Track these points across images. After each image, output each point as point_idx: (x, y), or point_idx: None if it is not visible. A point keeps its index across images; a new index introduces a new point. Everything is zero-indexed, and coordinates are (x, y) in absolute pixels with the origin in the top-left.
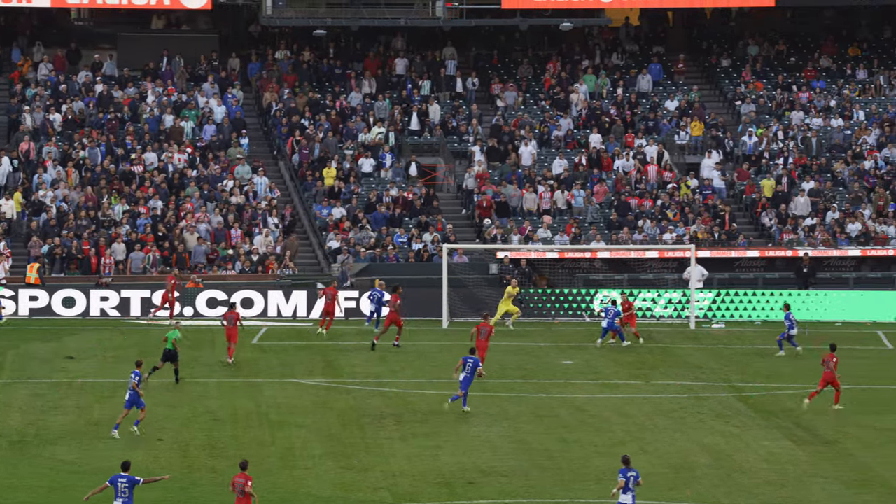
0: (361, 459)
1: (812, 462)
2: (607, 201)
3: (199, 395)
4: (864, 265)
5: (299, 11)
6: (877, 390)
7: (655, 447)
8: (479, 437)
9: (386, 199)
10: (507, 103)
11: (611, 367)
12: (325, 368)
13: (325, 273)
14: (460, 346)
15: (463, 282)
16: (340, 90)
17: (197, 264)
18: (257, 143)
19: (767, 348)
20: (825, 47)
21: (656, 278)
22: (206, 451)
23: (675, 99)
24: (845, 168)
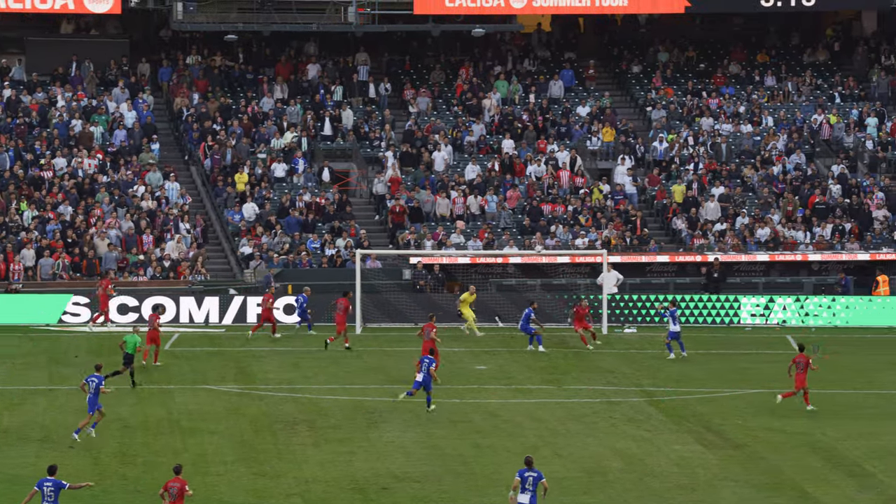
0: (274, 465)
1: (722, 466)
2: (520, 207)
3: (111, 402)
4: (773, 270)
5: (210, 17)
6: None
7: (568, 452)
8: (392, 443)
9: (299, 205)
10: (419, 109)
11: (524, 372)
12: (238, 374)
13: (237, 279)
14: (373, 352)
15: (376, 287)
16: (252, 95)
17: (108, 270)
18: (168, 148)
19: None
20: (734, 54)
21: (569, 283)
22: (117, 458)
23: (587, 105)
24: (754, 174)
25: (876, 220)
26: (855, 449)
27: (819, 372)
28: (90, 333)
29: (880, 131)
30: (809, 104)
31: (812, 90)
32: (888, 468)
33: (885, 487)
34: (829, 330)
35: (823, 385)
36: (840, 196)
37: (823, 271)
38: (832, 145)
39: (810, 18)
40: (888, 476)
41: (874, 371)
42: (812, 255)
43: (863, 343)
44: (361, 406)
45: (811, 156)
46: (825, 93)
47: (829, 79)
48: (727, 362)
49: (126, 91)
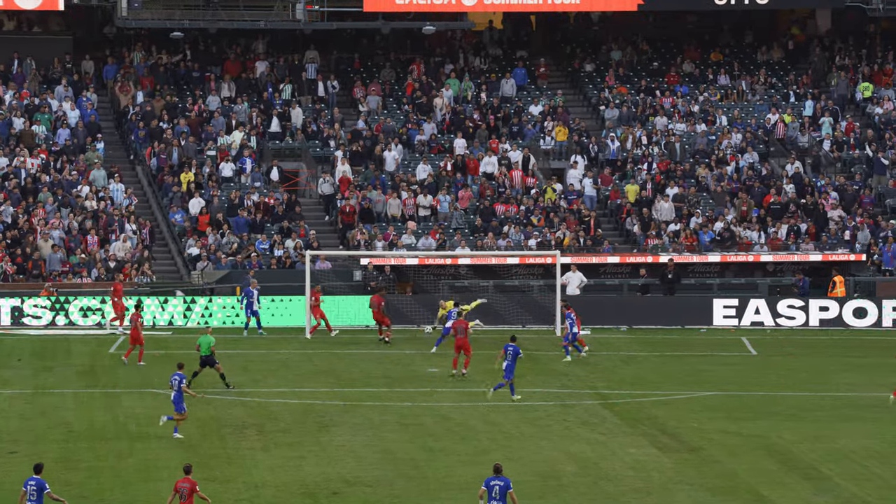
0: (223, 471)
1: (678, 469)
2: (472, 207)
3: (55, 407)
4: (728, 271)
5: (155, 13)
6: (742, 396)
7: (522, 455)
8: (343, 447)
9: (247, 204)
10: (369, 107)
11: (477, 374)
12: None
13: (184, 280)
14: (323, 355)
15: (326, 289)
16: (199, 93)
17: (52, 272)
18: (113, 147)
19: (633, 355)
20: (688, 52)
21: (522, 284)
22: (61, 464)
23: (540, 104)
24: (709, 173)
25: (831, 220)
26: (811, 452)
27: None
28: (34, 336)
29: (835, 131)
30: (764, 103)
31: (766, 89)
32: (844, 471)
33: (841, 491)
34: (783, 332)
35: (778, 387)
36: (794, 196)
37: (779, 272)
38: (787, 145)
39: (764, 17)
40: (844, 479)
41: (830, 372)
42: (765, 256)
43: (818, 344)
44: (311, 410)
45: (765, 155)
46: (779, 92)
47: (784, 77)
48: (682, 364)
49: (69, 89)
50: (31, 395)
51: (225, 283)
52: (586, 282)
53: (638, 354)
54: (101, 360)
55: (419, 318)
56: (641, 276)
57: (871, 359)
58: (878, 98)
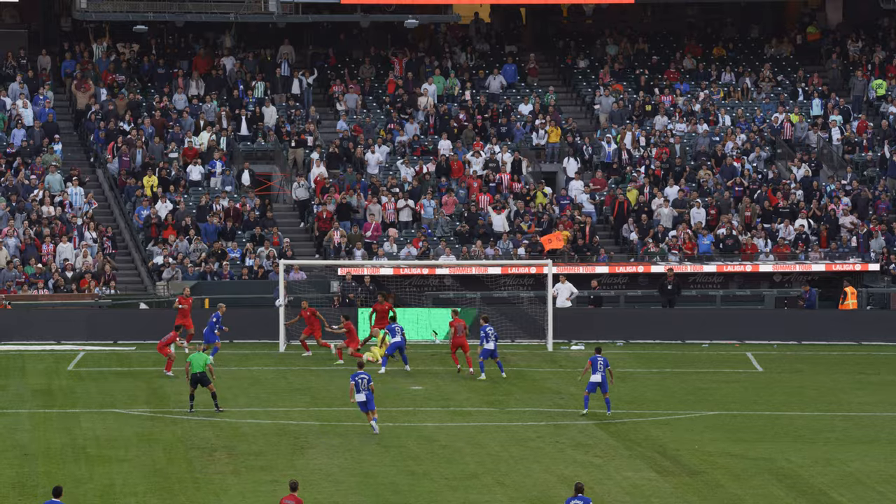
0: (190, 496)
1: (678, 494)
2: (457, 213)
3: (8, 428)
4: (731, 282)
5: (117, 5)
6: (748, 416)
7: (511, 479)
8: (319, 471)
9: (216, 208)
10: (347, 106)
11: (462, 393)
12: (150, 396)
13: (148, 292)
14: (298, 371)
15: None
16: (165, 91)
17: (5, 283)
18: (72, 149)
19: (630, 371)
20: (688, 47)
21: (511, 296)
22: (15, 489)
23: (529, 102)
24: (711, 176)
25: (843, 226)
26: (821, 476)
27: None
28: None
29: (845, 131)
30: (770, 102)
31: (773, 87)
32: (857, 497)
33: None
34: (791, 347)
35: (786, 407)
36: (803, 200)
37: (786, 283)
38: (794, 146)
39: (772, 9)
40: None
41: (841, 391)
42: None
43: (827, 361)
44: (285, 430)
45: (772, 157)
46: (787, 89)
47: (791, 74)
48: (683, 382)
49: (24, 86)
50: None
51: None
52: (577, 293)
53: (635, 371)
54: (57, 379)
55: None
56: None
57: (885, 376)
58: (892, 97)
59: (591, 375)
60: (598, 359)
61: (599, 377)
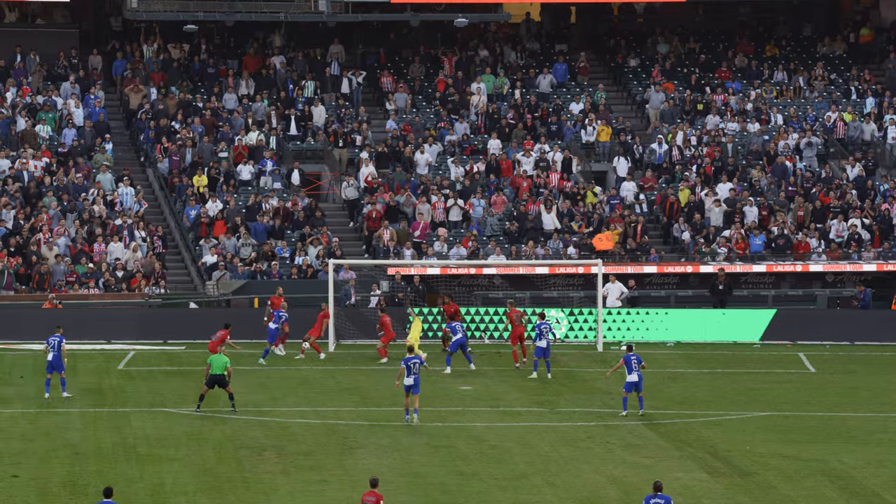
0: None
1: (729, 495)
2: (507, 212)
3: (59, 427)
4: (783, 282)
5: (168, 4)
6: (800, 417)
7: (561, 479)
8: (368, 471)
9: (266, 207)
10: (397, 106)
11: (512, 393)
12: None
13: (198, 291)
14: (348, 371)
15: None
16: (215, 91)
17: (56, 282)
18: (123, 148)
19: (681, 372)
20: (740, 46)
21: (561, 296)
22: (66, 488)
23: (580, 101)
24: (763, 176)
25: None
26: (874, 477)
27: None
28: (37, 352)
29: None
30: (823, 100)
31: (825, 85)
32: None
33: None
34: (844, 347)
35: (838, 407)
36: (856, 200)
37: (839, 283)
38: (847, 145)
39: (824, 7)
40: None
41: (893, 392)
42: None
43: (881, 361)
44: (335, 430)
45: (824, 157)
46: (840, 88)
47: (845, 73)
48: (734, 382)
49: (76, 86)
50: (34, 415)
51: (242, 293)
52: (627, 293)
53: (686, 371)
54: (108, 378)
55: None
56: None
57: None
58: None
59: (628, 375)
60: (632, 357)
61: (636, 376)
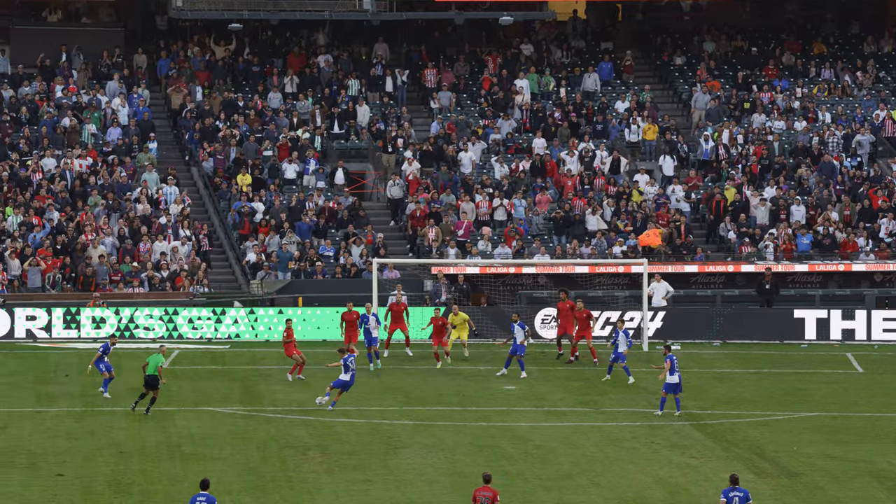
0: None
1: (776, 496)
2: (551, 211)
3: (104, 426)
4: (831, 281)
5: (212, 3)
6: (848, 418)
7: (606, 480)
8: (413, 470)
9: (310, 205)
10: (441, 104)
11: (556, 393)
12: (244, 395)
13: (242, 290)
14: (392, 371)
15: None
16: (259, 89)
17: (101, 281)
18: (167, 147)
19: (727, 372)
20: (788, 43)
21: (606, 296)
22: (111, 487)
23: (626, 100)
24: (810, 174)
25: None
26: None
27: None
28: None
29: None
30: (871, 99)
31: (874, 83)
32: None
33: None
34: (892, 347)
35: (887, 408)
36: None
37: (887, 282)
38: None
39: (872, 4)
40: None
41: None
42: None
43: None
44: (379, 430)
45: (873, 155)
46: (888, 86)
47: (893, 70)
48: (781, 382)
49: (121, 85)
50: (79, 414)
51: (286, 293)
52: (672, 292)
53: (732, 371)
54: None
55: (492, 332)
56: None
57: None
58: None
59: (668, 376)
60: (674, 358)
61: (677, 377)
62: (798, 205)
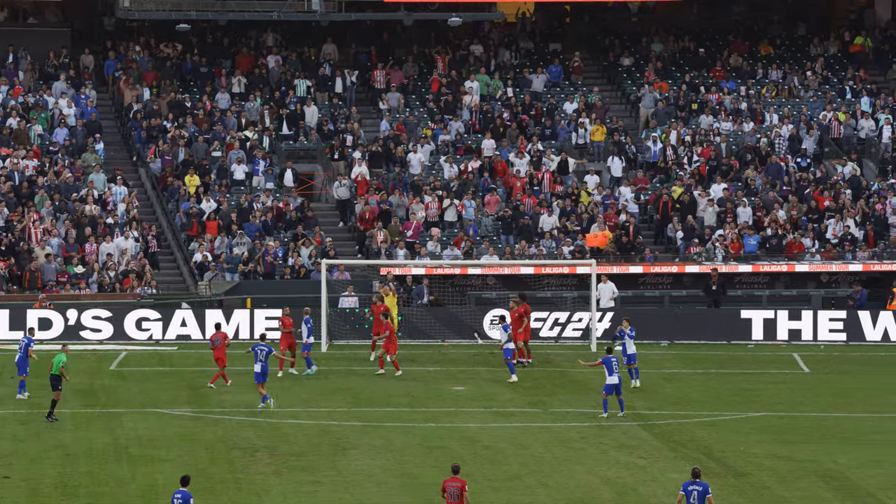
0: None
1: (723, 496)
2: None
3: (51, 428)
4: (777, 282)
5: (160, 4)
6: (794, 418)
7: (555, 480)
8: (361, 471)
9: (257, 206)
10: (390, 105)
11: (505, 393)
12: (191, 397)
13: (190, 292)
14: (340, 372)
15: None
16: (207, 90)
17: (48, 282)
18: (115, 148)
19: (675, 372)
20: (735, 45)
21: (555, 297)
22: (57, 489)
23: (574, 101)
24: (757, 175)
25: (892, 226)
26: (869, 478)
27: (827, 393)
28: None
29: (895, 131)
30: (817, 100)
31: (820, 84)
32: None
33: None
34: (838, 347)
35: (833, 408)
36: (850, 200)
37: (833, 283)
38: (842, 145)
39: (818, 7)
40: None
41: (889, 392)
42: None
43: (876, 361)
44: (327, 431)
45: (819, 156)
46: (834, 87)
47: (839, 72)
48: (728, 383)
49: (68, 85)
50: (25, 416)
51: (235, 293)
52: (617, 294)
53: (680, 372)
54: (100, 379)
55: (439, 333)
56: None
57: None
58: None
59: (608, 377)
60: (613, 360)
61: (616, 378)
62: (745, 206)
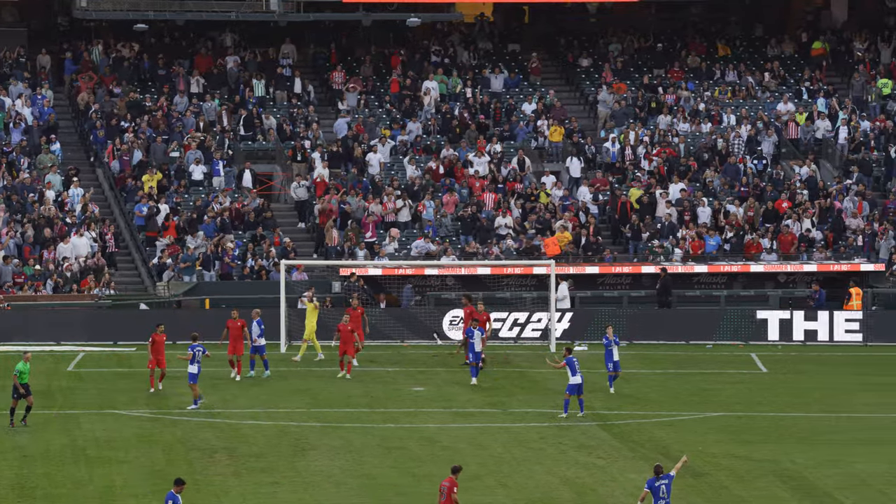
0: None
1: (682, 496)
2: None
3: (8, 429)
4: (735, 282)
5: (118, 4)
6: (752, 418)
7: (514, 481)
8: (320, 472)
9: (216, 207)
10: (349, 105)
11: (465, 394)
12: (150, 398)
13: (149, 292)
14: (299, 373)
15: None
16: (165, 90)
17: (4, 284)
18: (72, 148)
19: (633, 372)
20: (692, 45)
21: (514, 297)
22: (14, 491)
23: (532, 101)
24: (715, 176)
25: (848, 227)
26: (826, 478)
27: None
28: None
29: (855, 131)
30: (774, 101)
31: (777, 85)
32: (862, 498)
33: None
34: (796, 348)
35: (790, 408)
36: (808, 200)
37: (791, 283)
38: (799, 145)
39: (775, 8)
40: None
41: (846, 392)
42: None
43: (833, 361)
44: (286, 432)
45: (776, 157)
46: (791, 88)
47: (796, 73)
48: (686, 383)
49: (24, 85)
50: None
51: (193, 294)
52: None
53: (639, 372)
54: (57, 380)
55: (396, 334)
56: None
57: (890, 377)
58: None
59: (571, 378)
60: (575, 360)
61: (579, 378)
62: (703, 206)
